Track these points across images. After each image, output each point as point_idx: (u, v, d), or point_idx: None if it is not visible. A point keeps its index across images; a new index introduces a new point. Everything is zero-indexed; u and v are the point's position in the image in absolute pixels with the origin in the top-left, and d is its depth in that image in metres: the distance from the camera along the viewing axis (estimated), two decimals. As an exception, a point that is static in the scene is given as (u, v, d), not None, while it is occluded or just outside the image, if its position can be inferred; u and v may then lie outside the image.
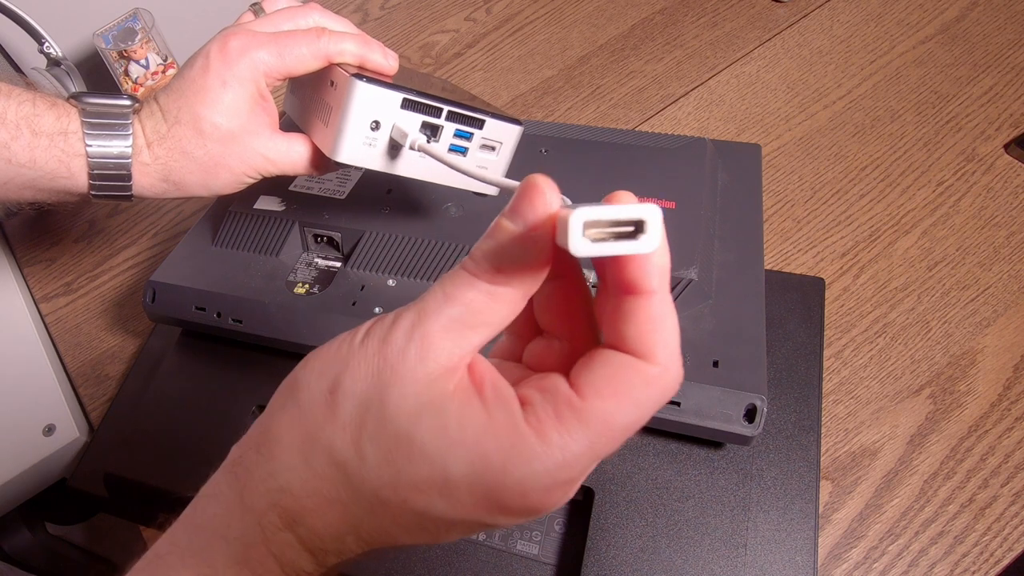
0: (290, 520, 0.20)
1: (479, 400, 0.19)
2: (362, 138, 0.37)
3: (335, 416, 0.19)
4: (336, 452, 0.19)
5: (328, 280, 0.46)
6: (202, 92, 0.37)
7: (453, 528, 0.20)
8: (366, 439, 0.19)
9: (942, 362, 0.47)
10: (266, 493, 0.20)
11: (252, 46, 0.37)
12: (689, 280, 0.40)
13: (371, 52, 0.38)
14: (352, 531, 0.20)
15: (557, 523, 0.42)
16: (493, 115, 0.39)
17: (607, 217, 0.16)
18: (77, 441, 0.53)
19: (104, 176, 0.38)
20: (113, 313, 0.61)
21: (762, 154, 0.52)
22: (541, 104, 0.69)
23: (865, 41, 0.67)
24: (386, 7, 0.83)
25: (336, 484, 0.19)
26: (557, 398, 0.18)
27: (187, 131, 0.38)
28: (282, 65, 0.37)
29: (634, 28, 0.73)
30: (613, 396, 0.18)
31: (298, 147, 0.40)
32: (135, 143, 0.38)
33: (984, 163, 0.56)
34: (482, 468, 0.18)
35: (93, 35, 0.71)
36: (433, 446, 0.18)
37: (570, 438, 0.18)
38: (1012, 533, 0.40)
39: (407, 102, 0.37)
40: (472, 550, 0.40)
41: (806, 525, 0.39)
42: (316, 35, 0.38)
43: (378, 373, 0.19)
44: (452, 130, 0.38)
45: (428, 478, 0.18)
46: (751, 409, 0.36)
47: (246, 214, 0.49)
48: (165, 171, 0.39)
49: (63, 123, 0.38)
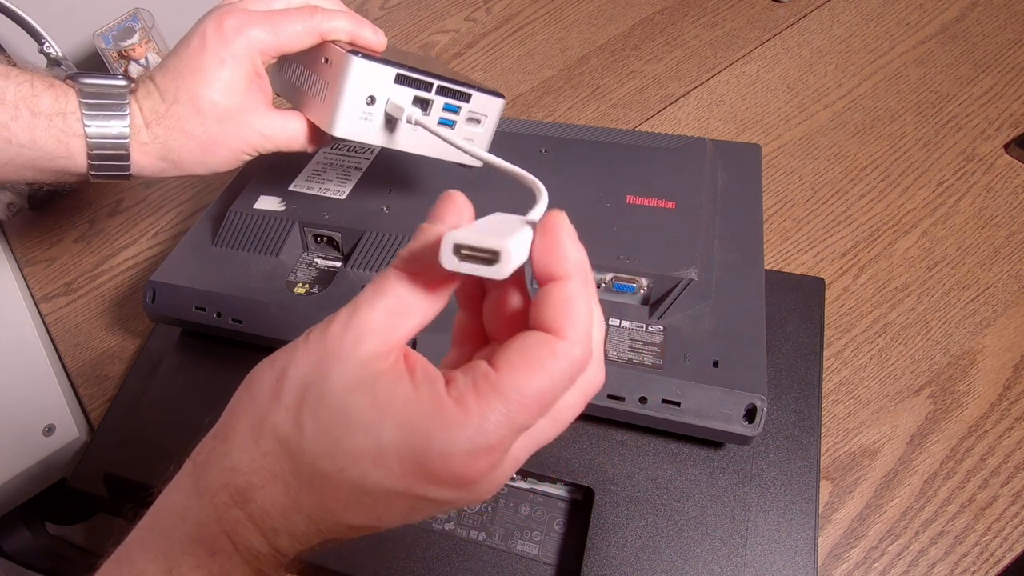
0: (239, 497, 0.21)
1: (408, 378, 0.21)
2: (359, 113, 0.38)
3: (279, 399, 0.21)
4: (279, 430, 0.21)
5: (328, 280, 0.46)
6: (200, 71, 0.38)
7: (391, 503, 0.21)
8: (306, 414, 0.21)
9: (942, 362, 0.47)
10: (219, 473, 0.22)
11: (248, 24, 0.38)
12: (689, 280, 0.40)
13: (362, 29, 0.39)
14: (296, 506, 0.21)
15: (557, 523, 0.42)
16: (478, 88, 0.41)
17: (471, 244, 0.19)
18: (77, 441, 0.53)
19: (103, 156, 0.39)
20: (113, 313, 0.61)
21: (762, 154, 0.52)
22: (541, 104, 0.69)
23: (865, 41, 0.67)
24: (386, 7, 0.83)
25: (279, 459, 0.21)
26: (476, 372, 0.20)
27: (186, 110, 0.39)
28: (277, 43, 0.38)
29: (634, 28, 0.73)
30: (524, 366, 0.20)
31: (293, 123, 0.41)
32: (133, 123, 0.39)
33: (984, 163, 0.56)
34: (409, 436, 0.20)
35: (93, 35, 0.71)
36: (366, 417, 0.20)
37: (487, 406, 0.20)
38: (1012, 533, 0.40)
39: (400, 77, 0.38)
40: (472, 550, 0.40)
41: (806, 525, 0.39)
42: (310, 13, 0.38)
43: (318, 359, 0.21)
44: (442, 103, 0.40)
45: (362, 447, 0.20)
46: (751, 409, 0.36)
47: (246, 214, 0.49)
48: (164, 150, 0.40)
49: (61, 103, 0.38)
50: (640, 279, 0.42)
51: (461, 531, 0.41)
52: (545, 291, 0.20)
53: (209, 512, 0.22)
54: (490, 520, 0.42)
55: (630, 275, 0.42)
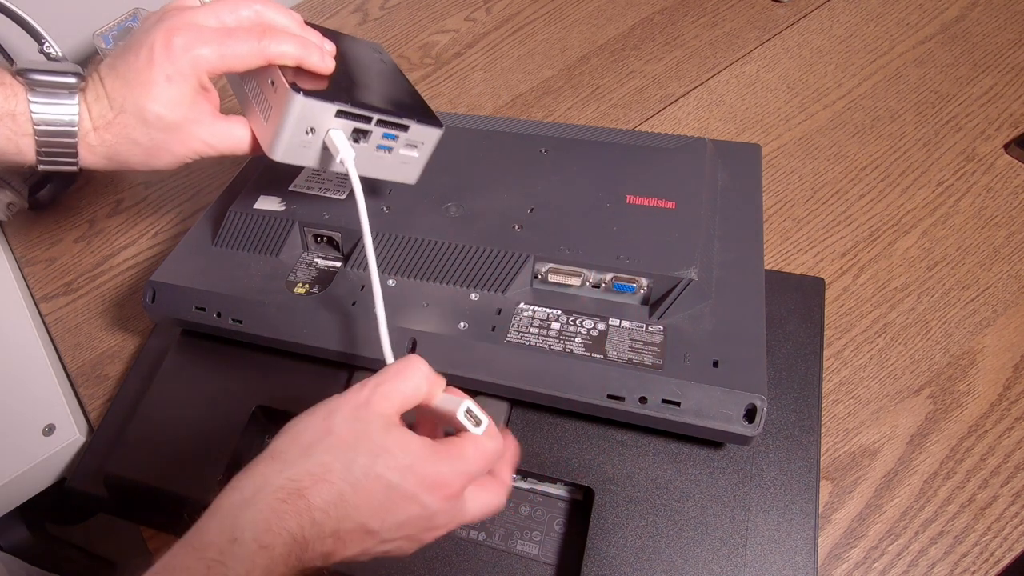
0: (295, 494, 0.28)
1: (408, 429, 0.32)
2: (299, 141, 0.40)
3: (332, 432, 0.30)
4: (331, 451, 0.30)
5: (328, 280, 0.46)
6: (147, 85, 0.39)
7: (402, 505, 0.30)
8: (358, 441, 0.30)
9: (942, 362, 0.47)
10: (277, 481, 0.29)
11: (195, 44, 0.39)
12: (689, 280, 0.40)
13: (309, 55, 0.40)
14: (339, 501, 0.29)
15: (557, 523, 0.42)
16: (419, 120, 0.43)
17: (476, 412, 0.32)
18: (77, 441, 0.53)
19: (51, 154, 0.41)
20: (113, 313, 0.61)
21: (762, 154, 0.52)
22: (541, 104, 0.69)
23: (865, 41, 0.67)
24: (386, 7, 0.83)
25: (328, 467, 0.29)
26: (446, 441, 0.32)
27: (132, 119, 0.40)
28: (222, 64, 0.39)
29: (634, 28, 0.73)
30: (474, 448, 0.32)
31: (238, 131, 0.42)
32: (81, 126, 0.40)
33: (984, 163, 0.56)
34: (418, 460, 0.30)
35: (93, 35, 0.71)
36: (396, 450, 0.30)
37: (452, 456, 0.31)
38: (1012, 533, 0.40)
39: (340, 112, 0.40)
40: (472, 550, 0.40)
41: (806, 525, 0.39)
42: (258, 35, 0.39)
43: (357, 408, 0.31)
44: (381, 133, 0.42)
45: (394, 465, 0.30)
46: (751, 409, 0.36)
47: (246, 214, 0.49)
48: (110, 152, 0.41)
49: (11, 104, 0.39)
50: (640, 279, 0.42)
51: (461, 531, 0.41)
52: None
53: (267, 505, 0.28)
54: (490, 520, 0.42)
55: (630, 275, 0.42)
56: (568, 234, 0.44)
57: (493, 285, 0.43)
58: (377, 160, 0.43)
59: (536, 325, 0.41)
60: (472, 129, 0.54)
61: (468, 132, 0.53)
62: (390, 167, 0.44)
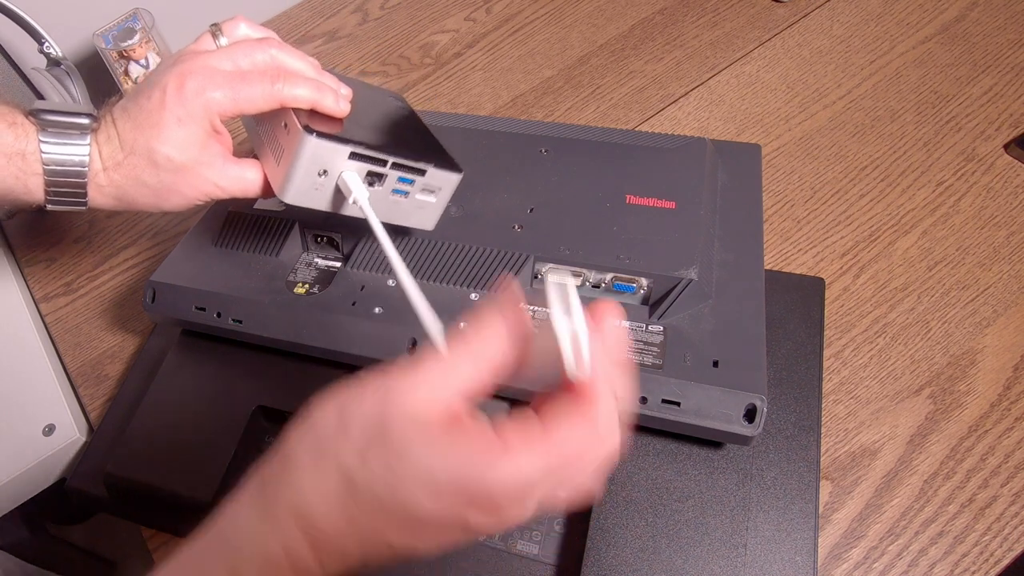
0: (302, 521, 0.24)
1: (459, 422, 0.24)
2: (310, 183, 0.39)
3: (345, 434, 0.24)
4: (343, 462, 0.24)
5: (328, 280, 0.46)
6: (158, 127, 0.38)
7: (439, 527, 0.24)
8: (371, 449, 0.23)
9: (942, 362, 0.47)
10: (284, 497, 0.24)
11: (208, 87, 0.38)
12: (689, 280, 0.40)
13: (324, 98, 0.39)
14: (351, 529, 0.24)
15: (557, 523, 0.42)
16: (436, 164, 0.41)
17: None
18: (77, 441, 0.53)
19: (60, 194, 0.40)
20: (113, 313, 0.61)
21: (762, 154, 0.52)
22: (541, 104, 0.69)
23: (865, 41, 0.67)
24: (386, 7, 0.83)
25: (340, 485, 0.24)
26: (524, 420, 0.23)
27: (141, 161, 0.39)
28: (235, 107, 0.39)
29: (634, 28, 0.73)
30: (568, 423, 0.23)
31: (249, 174, 0.42)
32: (91, 167, 0.40)
33: (984, 163, 0.56)
34: (457, 472, 0.22)
35: (93, 35, 0.71)
36: (423, 457, 0.23)
37: (530, 451, 0.23)
38: (1012, 533, 0.40)
39: (354, 154, 0.38)
40: (472, 550, 0.40)
41: (806, 525, 0.39)
42: (272, 79, 0.39)
43: (381, 400, 0.24)
44: (396, 176, 0.40)
45: (420, 481, 0.23)
46: (751, 409, 0.36)
47: (246, 214, 0.49)
48: (119, 193, 0.41)
49: (21, 144, 0.39)
50: (640, 279, 0.42)
51: (461, 531, 0.41)
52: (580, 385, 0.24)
53: (275, 534, 0.24)
54: (490, 520, 0.42)
55: (630, 275, 0.42)
56: (568, 234, 0.44)
57: (493, 285, 0.43)
58: (392, 205, 0.41)
59: (536, 325, 0.41)
60: (472, 129, 0.54)
61: (468, 132, 0.53)
62: (406, 212, 0.42)
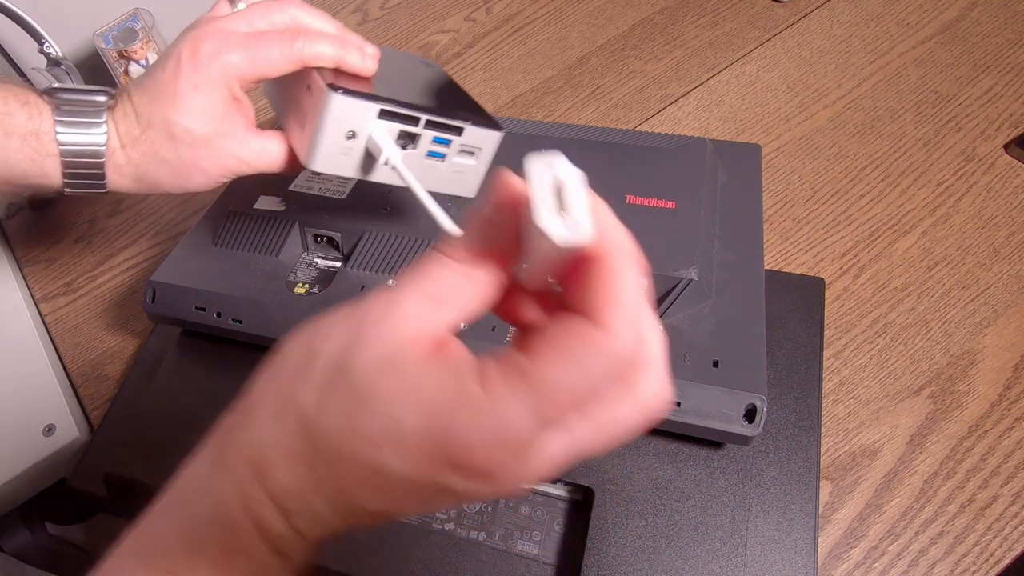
0: (258, 473, 0.21)
1: (440, 365, 0.19)
2: (338, 148, 0.36)
3: (307, 374, 0.21)
4: (302, 407, 0.20)
5: (328, 280, 0.46)
6: (174, 97, 0.36)
7: (410, 489, 0.20)
8: (330, 392, 0.20)
9: (942, 362, 0.47)
10: (240, 449, 0.22)
11: (224, 50, 0.36)
12: (689, 280, 0.40)
13: (348, 54, 0.37)
14: (315, 487, 0.20)
15: (557, 523, 0.42)
16: (474, 121, 0.38)
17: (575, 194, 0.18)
18: (77, 441, 0.53)
19: (77, 175, 0.38)
20: (113, 313, 0.61)
21: (762, 154, 0.52)
22: (541, 104, 0.69)
23: (865, 41, 0.67)
24: (386, 7, 0.83)
25: (299, 437, 0.20)
26: (507, 360, 0.19)
27: (159, 135, 0.37)
28: (254, 70, 0.36)
29: (634, 28, 0.73)
30: (557, 357, 0.18)
31: (272, 146, 0.39)
32: (109, 144, 0.38)
33: (984, 163, 0.56)
34: (430, 421, 0.19)
35: (93, 35, 0.71)
36: (388, 401, 0.19)
37: (513, 395, 0.18)
38: (1012, 533, 0.40)
39: (384, 112, 0.36)
40: (472, 550, 0.40)
41: (806, 525, 0.39)
42: (291, 38, 0.36)
43: (351, 338, 0.20)
44: (431, 137, 0.37)
45: (380, 430, 0.19)
46: (751, 409, 0.36)
47: (246, 214, 0.49)
48: (138, 172, 0.39)
49: (35, 123, 0.37)
50: (640, 279, 0.41)
51: (461, 531, 0.41)
52: (590, 269, 0.18)
53: (231, 489, 0.21)
54: (490, 520, 0.42)
55: (630, 275, 0.42)
56: (568, 234, 0.44)
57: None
58: (428, 170, 0.38)
59: None
60: (472, 129, 0.54)
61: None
62: (444, 178, 0.39)
